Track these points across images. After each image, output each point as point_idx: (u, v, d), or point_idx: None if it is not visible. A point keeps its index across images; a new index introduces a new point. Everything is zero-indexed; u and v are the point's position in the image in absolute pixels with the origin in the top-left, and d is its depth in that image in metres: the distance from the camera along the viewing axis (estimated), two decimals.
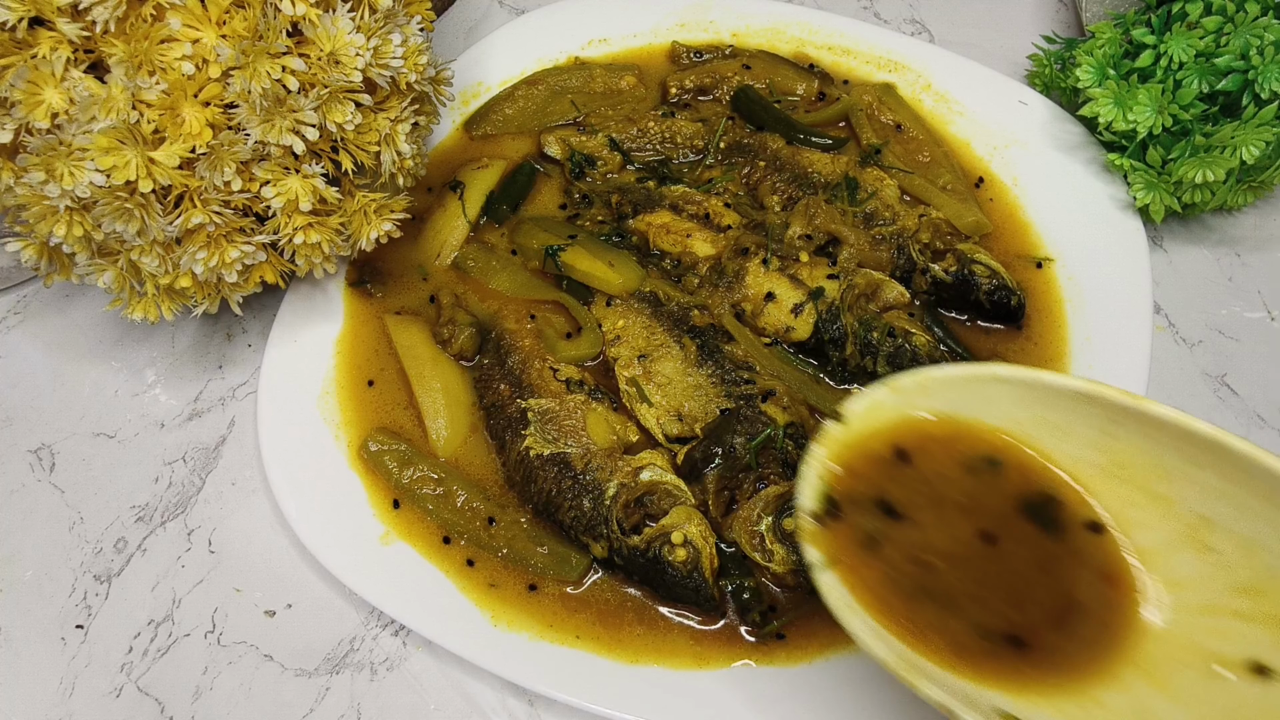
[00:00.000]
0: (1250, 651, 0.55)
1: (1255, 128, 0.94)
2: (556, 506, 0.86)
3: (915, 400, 0.66)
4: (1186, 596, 0.58)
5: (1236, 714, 0.54)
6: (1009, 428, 0.63)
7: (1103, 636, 0.57)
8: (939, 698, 0.54)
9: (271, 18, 0.75)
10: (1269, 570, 0.55)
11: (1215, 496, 0.57)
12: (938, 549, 0.62)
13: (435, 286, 1.01)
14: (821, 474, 0.65)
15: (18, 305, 1.04)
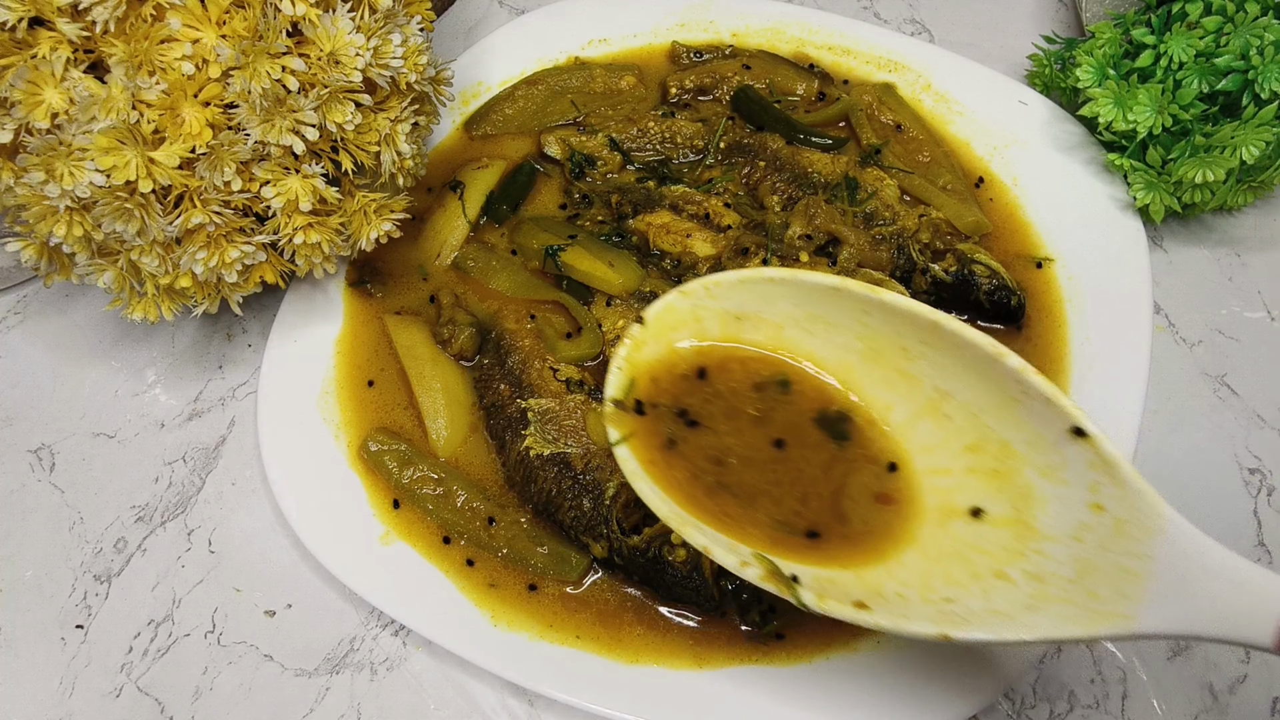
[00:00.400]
0: (973, 500, 0.66)
1: (1255, 128, 0.94)
2: (556, 506, 0.86)
3: (705, 302, 0.74)
4: (931, 460, 0.69)
5: (961, 551, 0.65)
6: (789, 323, 0.73)
7: (880, 521, 0.68)
8: (700, 541, 0.66)
9: (271, 18, 0.75)
10: (985, 431, 0.66)
11: (944, 371, 0.68)
12: (733, 452, 0.72)
13: (435, 286, 1.01)
14: (625, 369, 0.74)
15: (18, 305, 1.04)
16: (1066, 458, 0.62)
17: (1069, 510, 0.62)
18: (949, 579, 0.65)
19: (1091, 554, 0.61)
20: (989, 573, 0.64)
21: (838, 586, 0.65)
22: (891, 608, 0.64)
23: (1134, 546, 0.59)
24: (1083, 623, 0.60)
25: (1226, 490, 0.91)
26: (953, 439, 0.68)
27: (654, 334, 0.75)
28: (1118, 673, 0.83)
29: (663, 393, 0.74)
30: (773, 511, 0.69)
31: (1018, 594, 0.62)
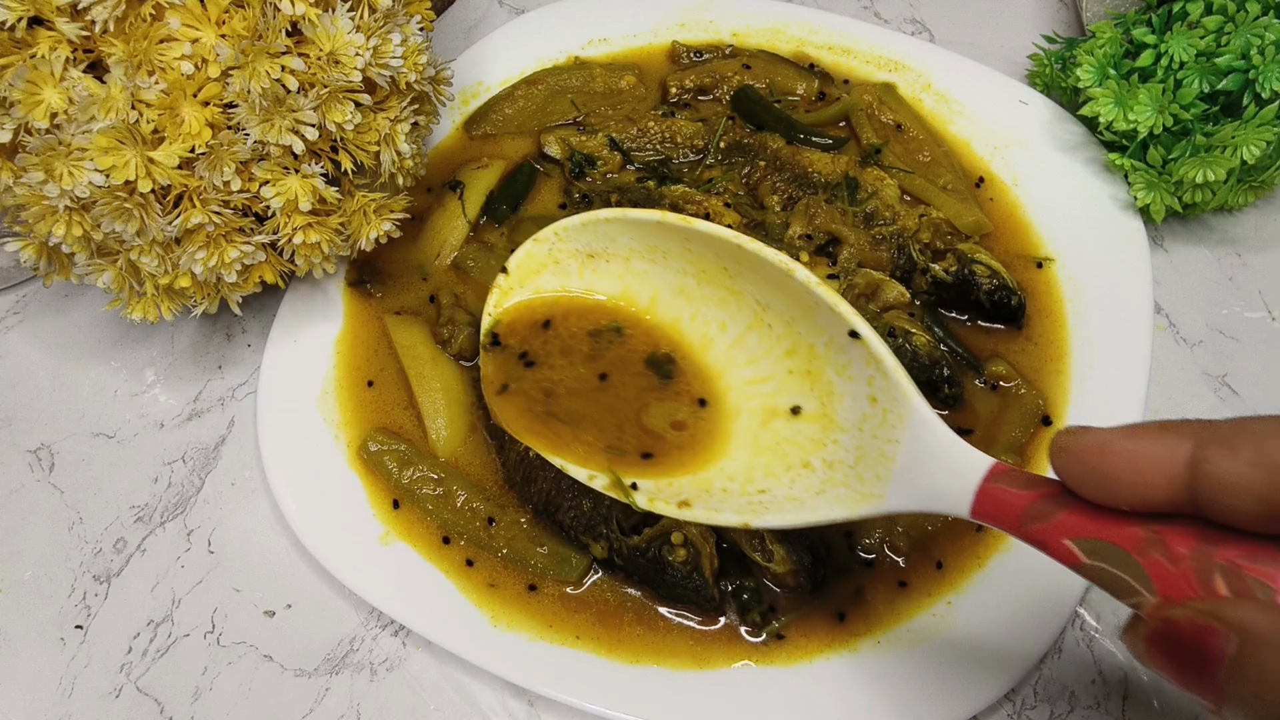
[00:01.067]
0: (793, 399, 0.74)
1: (1256, 127, 0.94)
2: (556, 506, 0.86)
3: (558, 246, 0.84)
4: (759, 369, 0.77)
5: (780, 446, 0.74)
6: (634, 255, 0.82)
7: (704, 433, 0.78)
8: (557, 461, 0.78)
9: (271, 17, 0.75)
10: (797, 338, 0.74)
11: (759, 286, 0.75)
12: (564, 384, 0.82)
13: (435, 286, 1.01)
14: (492, 314, 0.86)
15: (17, 305, 1.03)
16: (851, 357, 0.69)
17: (856, 403, 0.69)
18: (768, 472, 0.73)
19: (866, 442, 0.68)
20: (798, 463, 0.72)
21: (671, 490, 0.75)
22: (712, 503, 0.73)
23: (891, 433, 0.66)
24: (850, 504, 0.67)
25: None
26: (775, 346, 0.76)
27: (519, 280, 0.86)
28: (1119, 673, 0.83)
29: (515, 336, 0.85)
30: (599, 436, 0.79)
31: (814, 480, 0.71)
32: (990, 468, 0.57)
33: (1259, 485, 0.43)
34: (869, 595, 0.84)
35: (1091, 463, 0.48)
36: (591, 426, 0.80)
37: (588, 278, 0.85)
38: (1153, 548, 0.46)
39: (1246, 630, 0.40)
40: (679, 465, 0.77)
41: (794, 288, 0.71)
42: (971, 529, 0.86)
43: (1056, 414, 0.92)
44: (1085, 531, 0.49)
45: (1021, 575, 0.84)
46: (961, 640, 0.81)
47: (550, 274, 0.86)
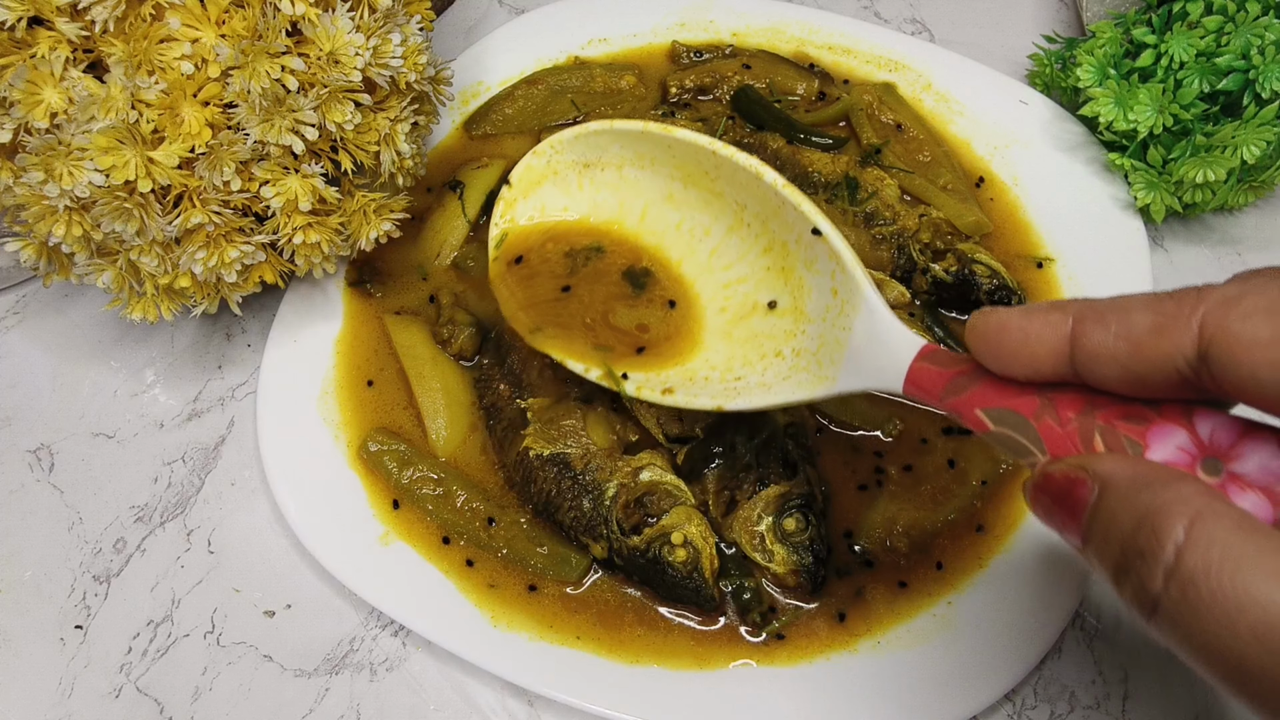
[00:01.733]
0: (770, 295, 0.80)
1: (1256, 127, 0.94)
2: (556, 507, 0.86)
3: (555, 158, 0.89)
4: (740, 269, 0.83)
5: (757, 338, 0.80)
6: (626, 163, 0.87)
7: (678, 331, 0.84)
8: (559, 355, 0.84)
9: (271, 17, 0.75)
10: (772, 235, 0.79)
11: (736, 187, 0.81)
12: (549, 296, 0.88)
13: (435, 286, 1.01)
14: (500, 226, 0.91)
15: (17, 305, 1.03)
16: (817, 253, 0.74)
17: (821, 296, 0.75)
18: (745, 361, 0.80)
19: (827, 330, 0.73)
20: (771, 353, 0.78)
21: (658, 379, 0.81)
22: (692, 389, 0.80)
23: (846, 321, 0.71)
24: (809, 386, 0.73)
25: None
26: (753, 245, 0.81)
27: (521, 192, 0.91)
28: (1119, 673, 0.83)
29: (516, 246, 0.91)
30: (589, 337, 0.85)
31: (783, 367, 0.77)
32: (921, 348, 0.62)
33: (1122, 354, 0.48)
34: (869, 595, 0.84)
35: (993, 339, 0.53)
36: (580, 329, 0.86)
37: (586, 188, 0.90)
38: (1045, 413, 0.51)
39: (1106, 480, 0.46)
40: (665, 359, 0.83)
41: (764, 189, 0.77)
42: (971, 529, 0.86)
43: None
44: (992, 401, 0.54)
45: (1021, 575, 0.84)
46: (961, 640, 0.81)
47: (551, 184, 0.90)
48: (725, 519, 0.85)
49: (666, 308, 0.85)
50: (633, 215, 0.89)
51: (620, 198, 0.89)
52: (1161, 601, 0.41)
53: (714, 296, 0.84)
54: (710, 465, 0.86)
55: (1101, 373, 0.49)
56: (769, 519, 0.82)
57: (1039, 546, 0.85)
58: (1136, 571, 0.43)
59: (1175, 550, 0.41)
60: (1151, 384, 0.47)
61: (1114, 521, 0.44)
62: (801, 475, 0.85)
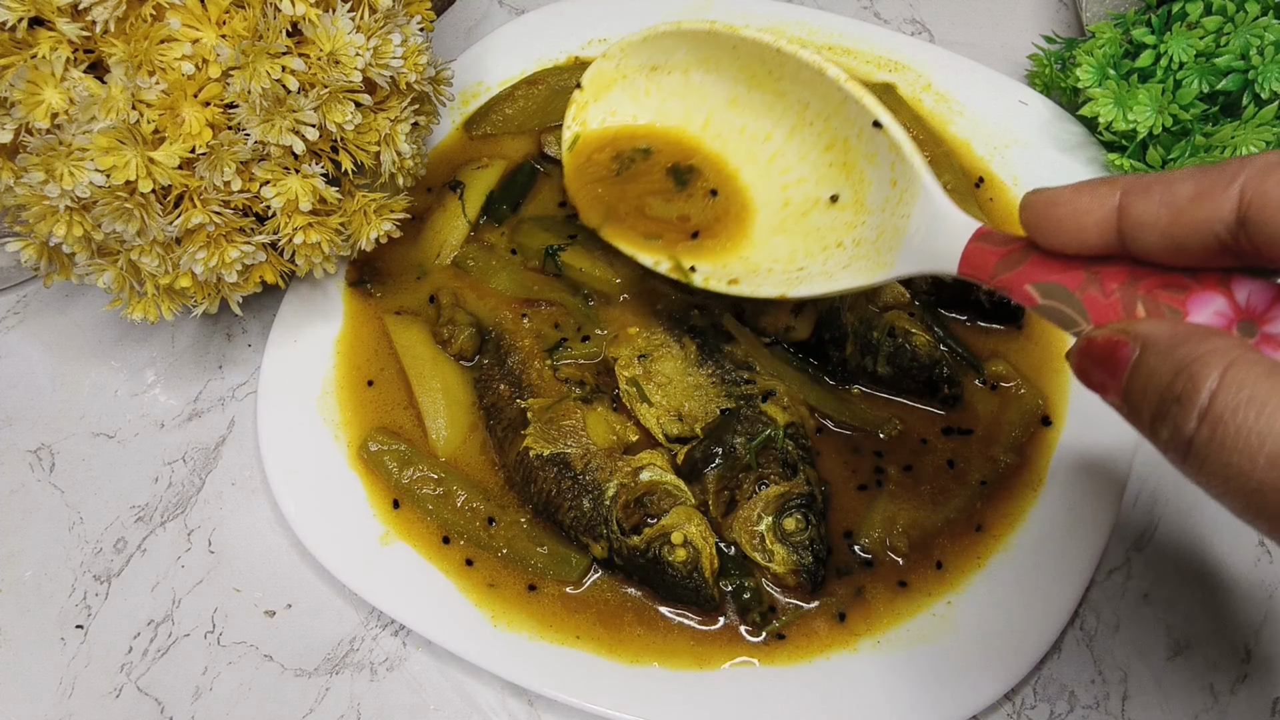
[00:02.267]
0: (831, 190, 0.83)
1: (1255, 128, 0.94)
2: (556, 506, 0.86)
3: (624, 61, 0.93)
4: (804, 166, 0.86)
5: (820, 231, 0.83)
6: (691, 66, 0.91)
7: (734, 216, 0.89)
8: (628, 250, 0.90)
9: (271, 18, 0.75)
10: (834, 132, 0.82)
11: (799, 85, 0.84)
12: (607, 196, 0.93)
13: (435, 286, 1.01)
14: (572, 127, 0.96)
15: (17, 305, 1.04)
16: (877, 145, 0.77)
17: (881, 189, 0.77)
18: (807, 253, 0.83)
19: (886, 220, 0.76)
20: (833, 244, 0.81)
21: (724, 271, 0.85)
22: (756, 280, 0.83)
23: (905, 210, 0.73)
24: (868, 273, 0.75)
25: None
26: (815, 143, 0.85)
27: (593, 95, 0.95)
28: (1118, 673, 0.83)
29: (589, 147, 0.96)
30: (639, 226, 0.91)
31: (843, 256, 0.80)
32: (976, 229, 0.65)
33: (1164, 222, 0.51)
34: (869, 595, 0.84)
35: (1044, 214, 0.56)
36: (634, 218, 0.91)
37: (653, 94, 0.94)
38: (1091, 285, 0.54)
39: (1147, 339, 0.49)
40: (722, 245, 0.88)
41: (827, 85, 0.80)
42: (971, 529, 0.86)
43: (1056, 414, 0.92)
44: (1041, 276, 0.57)
45: (1021, 575, 0.84)
46: (961, 640, 0.81)
47: (620, 89, 0.94)
48: (725, 519, 0.85)
49: (709, 197, 0.90)
50: (697, 121, 0.92)
51: (686, 103, 0.92)
52: (1194, 442, 0.45)
53: (773, 197, 0.88)
54: (710, 465, 0.86)
55: (1145, 241, 0.52)
56: (769, 519, 0.82)
57: (1039, 546, 0.85)
58: (1172, 417, 0.46)
59: (1209, 394, 0.44)
60: (1192, 251, 0.50)
61: (1153, 375, 0.48)
62: (801, 475, 0.85)
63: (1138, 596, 0.86)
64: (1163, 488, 0.91)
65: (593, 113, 0.95)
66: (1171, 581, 0.87)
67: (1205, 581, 0.87)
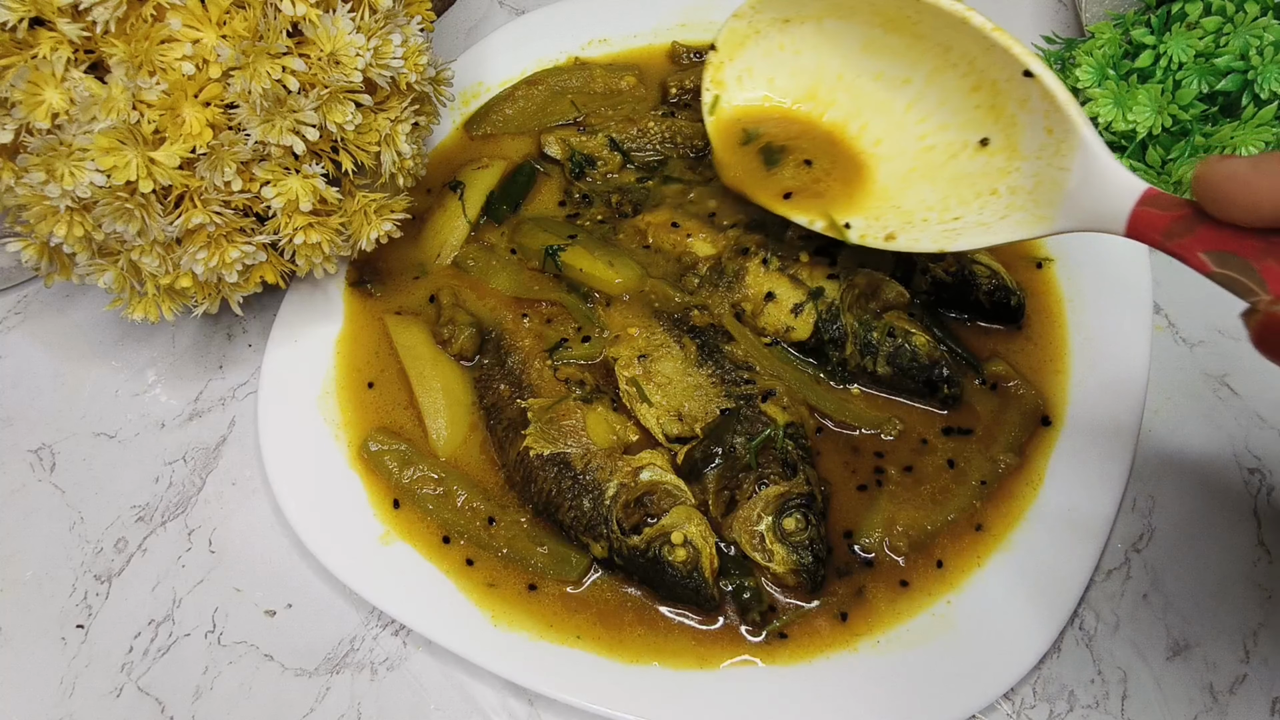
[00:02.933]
0: (981, 132, 0.83)
1: (1255, 128, 0.94)
2: (556, 506, 0.86)
3: (756, 17, 0.94)
4: (947, 111, 0.86)
5: (970, 176, 0.83)
6: (825, 13, 0.91)
7: (866, 172, 0.91)
8: (780, 210, 0.92)
9: (271, 18, 0.75)
10: (980, 74, 0.82)
11: (940, 28, 0.83)
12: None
13: (435, 286, 1.01)
14: (710, 89, 0.98)
15: (18, 305, 1.04)
16: (1029, 92, 0.76)
17: (1035, 134, 0.77)
18: (961, 200, 0.83)
19: (1043, 169, 0.76)
20: (986, 191, 0.81)
21: (879, 225, 0.86)
22: (912, 233, 0.84)
23: (1063, 161, 0.73)
24: (1028, 226, 0.76)
25: (1226, 490, 0.91)
26: (959, 84, 0.84)
27: (728, 55, 0.96)
28: (1118, 673, 0.83)
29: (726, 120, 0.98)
30: (773, 187, 0.93)
31: (999, 205, 0.80)
32: (1144, 192, 0.66)
33: None
34: (870, 595, 0.84)
35: (1221, 186, 0.58)
36: (772, 180, 0.93)
37: (786, 48, 0.94)
38: (1268, 255, 0.56)
39: None
40: (866, 197, 0.89)
41: (973, 31, 0.80)
42: (971, 528, 0.86)
43: (1056, 414, 0.92)
44: (1215, 245, 0.59)
45: (1021, 575, 0.84)
46: (961, 640, 0.81)
47: (754, 45, 0.95)
48: (725, 519, 0.85)
49: (802, 167, 0.92)
50: (830, 71, 0.93)
51: (819, 54, 0.93)
52: None
53: (908, 146, 0.89)
54: (710, 465, 0.86)
55: None
56: (769, 519, 0.83)
57: (1039, 546, 0.85)
58: None
59: None
60: None
61: None
62: (801, 475, 0.85)
63: (1137, 596, 0.86)
64: (1162, 488, 0.91)
65: (729, 73, 0.96)
66: (1170, 582, 0.87)
67: (1204, 581, 0.87)
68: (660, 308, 0.96)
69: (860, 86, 0.92)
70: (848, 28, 0.90)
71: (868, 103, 0.92)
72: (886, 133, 0.91)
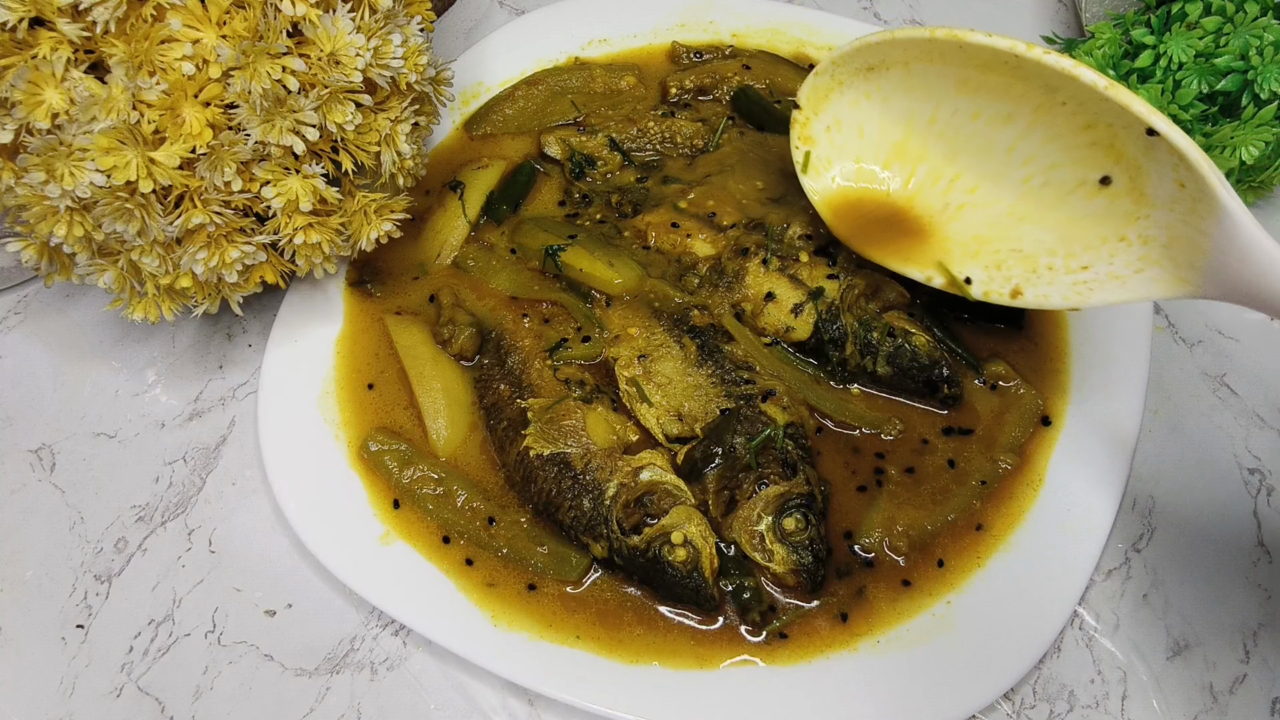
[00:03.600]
0: (1101, 169, 0.79)
1: (1255, 128, 0.94)
2: (556, 506, 0.86)
3: (839, 71, 0.90)
4: (1053, 150, 0.82)
5: (1095, 216, 0.79)
6: (912, 59, 0.87)
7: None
8: (894, 265, 0.90)
9: (271, 18, 0.75)
10: (1093, 113, 0.77)
11: (1043, 74, 0.79)
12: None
13: (435, 286, 1.01)
14: (800, 146, 0.94)
15: (18, 305, 1.04)
16: (1152, 143, 0.73)
17: (1164, 183, 0.73)
18: (1086, 244, 0.79)
19: (1177, 223, 0.72)
20: (1114, 236, 0.78)
21: (1001, 276, 0.83)
22: (1039, 286, 0.80)
23: (1201, 224, 0.70)
24: (1167, 285, 0.73)
25: (1226, 490, 0.91)
26: (1071, 121, 0.79)
27: (813, 109, 0.93)
28: (1118, 673, 0.83)
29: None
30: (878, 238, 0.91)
31: (1131, 255, 0.77)
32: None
33: None
34: (870, 595, 0.84)
35: None
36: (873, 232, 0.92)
37: (874, 96, 0.90)
38: None
39: None
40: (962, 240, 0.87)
41: (1080, 87, 0.76)
42: (971, 529, 0.86)
43: (1056, 413, 0.92)
44: None
45: (1021, 575, 0.84)
46: (961, 640, 0.81)
47: (839, 96, 0.92)
48: (725, 519, 0.85)
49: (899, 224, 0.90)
50: (921, 117, 0.89)
51: (910, 98, 0.89)
52: None
53: (1012, 187, 0.85)
54: (710, 465, 0.86)
55: None
56: (769, 519, 0.83)
57: (1039, 546, 0.85)
58: None
59: None
60: None
61: None
62: (801, 475, 0.85)
63: (1137, 596, 0.86)
64: (1162, 488, 0.91)
65: (816, 127, 0.93)
66: (1170, 582, 0.87)
67: (1204, 582, 0.87)
68: (660, 308, 0.96)
69: (956, 126, 0.88)
70: (938, 71, 0.86)
71: (965, 144, 0.88)
72: (986, 176, 0.87)
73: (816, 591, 0.83)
